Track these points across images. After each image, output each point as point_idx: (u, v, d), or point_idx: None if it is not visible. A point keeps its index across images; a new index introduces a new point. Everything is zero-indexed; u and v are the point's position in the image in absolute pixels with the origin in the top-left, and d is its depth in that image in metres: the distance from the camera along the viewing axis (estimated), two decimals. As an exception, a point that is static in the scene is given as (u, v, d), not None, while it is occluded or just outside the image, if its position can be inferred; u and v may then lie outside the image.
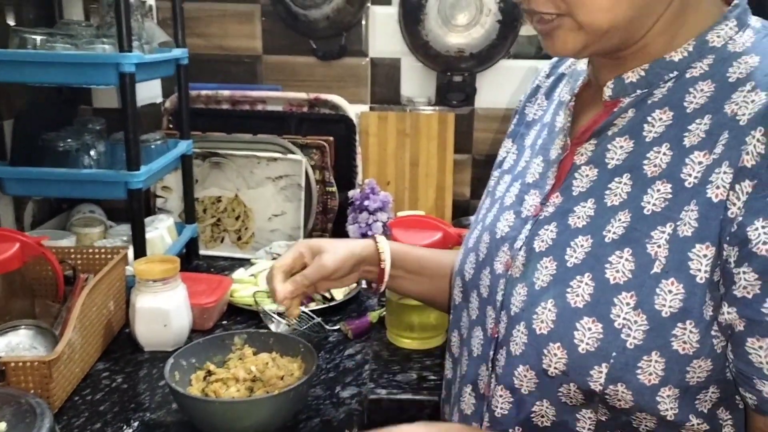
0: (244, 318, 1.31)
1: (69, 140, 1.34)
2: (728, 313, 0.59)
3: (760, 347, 0.57)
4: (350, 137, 1.73)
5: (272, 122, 1.73)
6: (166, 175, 1.60)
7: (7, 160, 1.35)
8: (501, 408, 0.71)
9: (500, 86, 1.77)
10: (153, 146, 1.43)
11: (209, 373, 0.98)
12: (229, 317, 1.32)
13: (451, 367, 0.87)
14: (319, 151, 1.69)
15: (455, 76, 1.77)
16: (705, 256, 0.59)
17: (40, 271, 1.25)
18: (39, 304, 1.21)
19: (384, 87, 1.82)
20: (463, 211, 1.83)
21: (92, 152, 1.37)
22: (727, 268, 0.58)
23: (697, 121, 0.63)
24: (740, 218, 0.57)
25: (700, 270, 0.59)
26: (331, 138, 1.70)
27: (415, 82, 1.81)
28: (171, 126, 1.74)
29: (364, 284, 1.35)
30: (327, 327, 1.27)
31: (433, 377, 1.14)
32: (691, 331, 0.60)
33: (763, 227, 0.56)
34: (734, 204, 0.58)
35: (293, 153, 1.66)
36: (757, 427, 0.61)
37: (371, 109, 1.82)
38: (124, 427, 0.96)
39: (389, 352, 1.22)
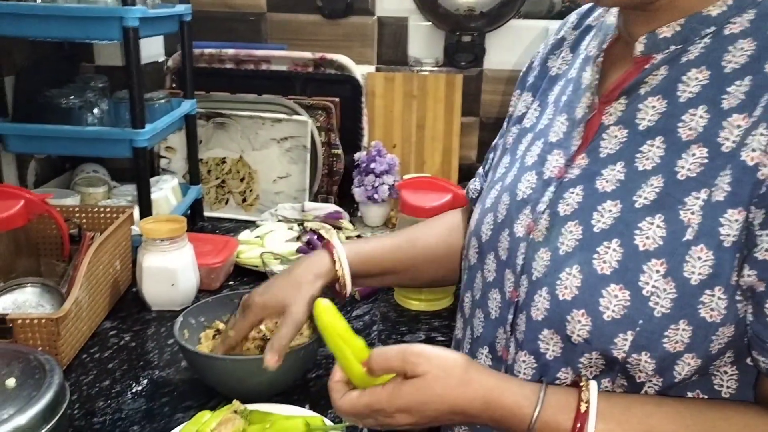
0: (251, 279, 1.31)
1: (71, 98, 1.32)
2: (748, 275, 0.57)
3: None
4: (356, 98, 1.70)
5: (277, 82, 1.70)
6: (169, 135, 1.57)
7: (9, 116, 1.33)
8: (524, 374, 0.70)
9: (510, 47, 1.74)
10: (156, 105, 1.40)
11: (218, 331, 0.97)
12: (236, 278, 1.32)
13: (461, 327, 0.86)
14: (324, 112, 1.66)
15: (464, 36, 1.73)
16: (736, 221, 0.58)
17: (45, 229, 1.24)
18: (44, 263, 1.20)
19: (391, 47, 1.78)
20: (469, 174, 1.80)
21: (95, 110, 1.35)
22: (751, 231, 0.57)
23: (737, 82, 0.60)
24: None
25: (729, 235, 0.58)
26: (337, 99, 1.67)
27: (423, 42, 1.77)
28: (174, 85, 1.71)
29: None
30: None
31: (441, 338, 1.13)
32: (719, 298, 0.59)
33: None
34: (766, 165, 0.56)
35: (298, 114, 1.63)
36: None
37: (378, 69, 1.78)
38: (133, 384, 0.96)
39: (397, 314, 1.22)
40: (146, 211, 1.28)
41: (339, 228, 1.48)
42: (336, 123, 1.67)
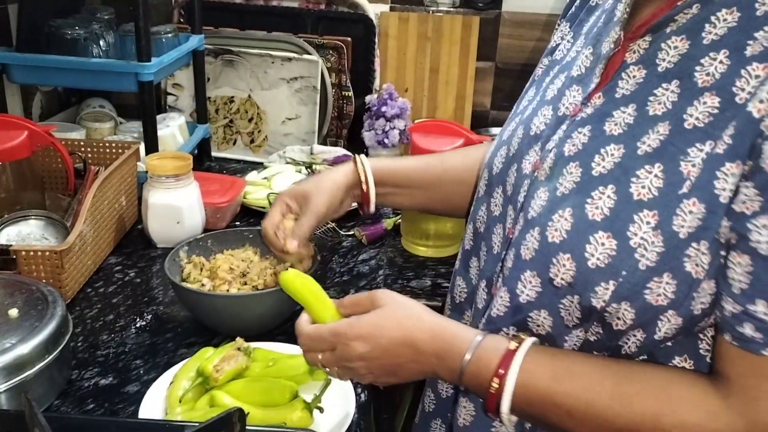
0: (257, 220, 1.29)
1: (77, 28, 1.28)
2: (725, 226, 0.55)
3: (738, 263, 0.55)
4: (369, 39, 1.65)
5: (287, 19, 1.66)
6: (177, 70, 1.54)
7: (13, 46, 1.29)
8: (498, 309, 0.70)
9: (530, -11, 1.67)
10: (164, 39, 1.36)
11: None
12: (243, 218, 1.30)
13: (459, 259, 0.85)
14: (336, 52, 1.62)
15: (482, -23, 1.67)
16: (733, 174, 0.55)
17: (50, 163, 1.22)
18: (50, 197, 1.19)
19: (406, -14, 1.72)
20: (482, 122, 1.77)
21: (101, 42, 1.31)
22: (738, 183, 0.55)
23: (766, 28, 0.56)
24: (766, 132, 0.53)
25: (725, 189, 0.55)
26: (349, 39, 1.62)
27: (440, -18, 1.70)
28: (182, 20, 1.67)
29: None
30: (341, 232, 1.25)
31: (447, 284, 1.12)
32: (703, 253, 0.56)
33: None
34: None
35: (309, 53, 1.59)
36: (720, 351, 0.58)
37: (392, 9, 1.72)
38: (137, 319, 0.96)
39: (403, 259, 1.20)
40: (152, 147, 1.26)
41: (347, 171, 1.45)
42: (347, 64, 1.62)
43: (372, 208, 0.93)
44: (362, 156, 0.94)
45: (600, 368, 0.61)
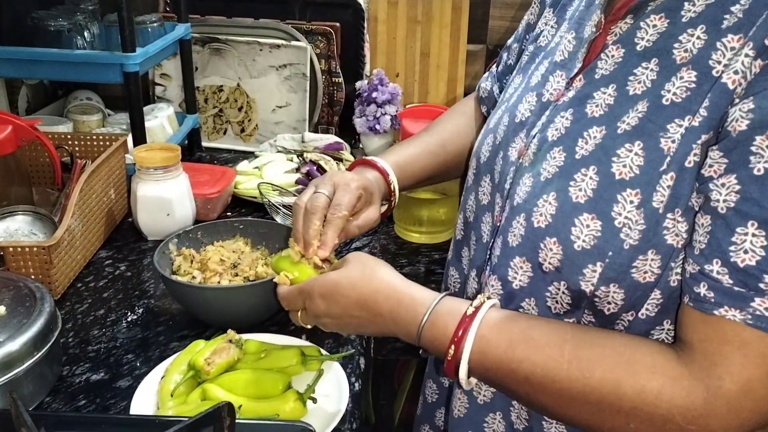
0: (249, 210, 1.28)
1: (60, 20, 1.26)
2: (695, 189, 0.55)
3: (701, 225, 0.55)
4: (358, 24, 1.63)
5: (275, 6, 1.63)
6: (163, 60, 1.52)
7: (-5, 39, 1.27)
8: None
9: (520, -31, 1.65)
10: (149, 29, 1.34)
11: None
12: (234, 209, 1.29)
13: (451, 248, 0.85)
14: (324, 38, 1.60)
15: (472, -42, 1.64)
16: (705, 144, 0.55)
17: (37, 157, 1.21)
18: (38, 192, 1.18)
19: (395, -31, 1.69)
20: (474, 105, 1.75)
21: (86, 34, 1.29)
22: (707, 150, 0.55)
23: (742, 1, 0.55)
24: (737, 100, 0.53)
25: (696, 155, 0.55)
26: (338, 24, 1.60)
27: (428, -36, 1.68)
28: (168, 9, 1.64)
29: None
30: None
31: (440, 270, 1.12)
32: (679, 221, 0.56)
33: (743, 107, 0.52)
34: (740, 85, 0.53)
35: (297, 40, 1.57)
36: (681, 317, 0.57)
37: (381, -7, 1.70)
38: (129, 313, 0.95)
39: (397, 246, 1.20)
40: (140, 139, 1.24)
41: (339, 159, 1.44)
42: (336, 50, 1.60)
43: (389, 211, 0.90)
44: (384, 164, 0.86)
45: (559, 333, 0.60)
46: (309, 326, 0.73)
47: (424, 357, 0.69)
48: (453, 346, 0.61)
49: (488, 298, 0.65)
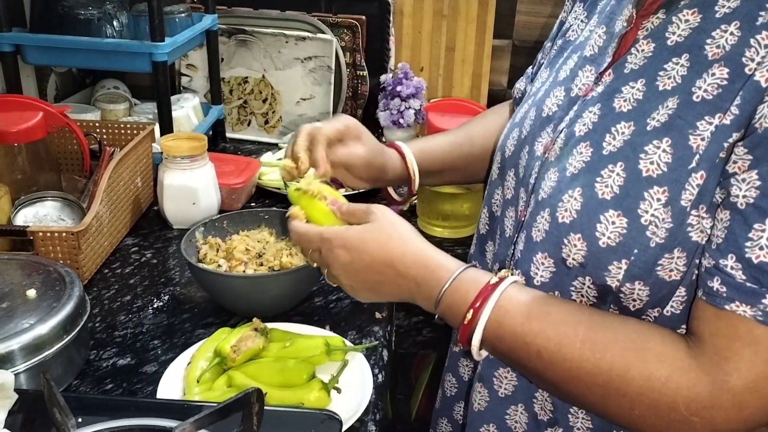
0: (273, 201, 1.29)
1: (90, 8, 1.27)
2: (719, 185, 0.55)
3: (720, 219, 0.54)
4: (384, 17, 1.63)
5: (301, -2, 1.63)
6: (190, 50, 1.53)
7: (27, 27, 1.29)
8: None
9: (548, -35, 1.64)
10: (177, 19, 1.35)
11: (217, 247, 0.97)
12: (258, 199, 1.30)
13: (474, 243, 0.85)
14: (350, 31, 1.60)
15: (499, -48, 1.63)
16: (734, 142, 0.54)
17: (65, 144, 1.22)
18: (66, 179, 1.19)
19: (421, -37, 1.69)
20: (499, 100, 1.73)
21: (114, 23, 1.30)
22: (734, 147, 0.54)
23: None
24: (766, 97, 0.52)
25: (722, 153, 0.55)
26: (363, 17, 1.60)
27: (456, -42, 1.67)
28: (195, 0, 1.65)
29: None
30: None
31: (464, 265, 1.11)
32: (703, 217, 0.56)
33: None
34: None
35: (323, 32, 1.57)
36: (695, 310, 0.57)
37: (407, -13, 1.70)
38: (154, 300, 0.96)
39: (420, 240, 1.19)
40: (167, 128, 1.25)
41: (363, 152, 1.44)
42: (362, 43, 1.60)
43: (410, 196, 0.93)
44: (403, 145, 0.92)
45: (576, 313, 0.60)
46: (315, 265, 0.73)
47: (440, 323, 0.69)
48: (471, 311, 0.62)
49: (512, 274, 0.65)
